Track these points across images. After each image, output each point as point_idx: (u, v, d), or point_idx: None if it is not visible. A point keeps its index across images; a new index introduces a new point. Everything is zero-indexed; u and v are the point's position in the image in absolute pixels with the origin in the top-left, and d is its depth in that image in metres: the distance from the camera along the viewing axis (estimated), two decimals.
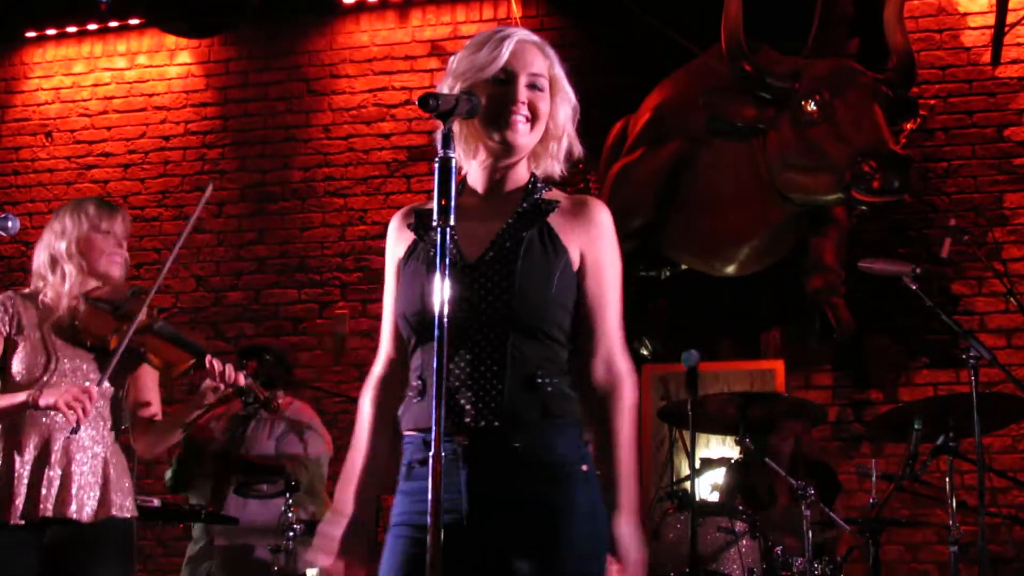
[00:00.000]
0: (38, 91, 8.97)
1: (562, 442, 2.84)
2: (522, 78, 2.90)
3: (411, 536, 2.81)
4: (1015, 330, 7.05)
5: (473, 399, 2.80)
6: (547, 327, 2.86)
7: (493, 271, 2.85)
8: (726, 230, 7.19)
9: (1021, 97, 7.37)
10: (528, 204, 2.95)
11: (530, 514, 2.77)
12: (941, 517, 5.73)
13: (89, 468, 4.15)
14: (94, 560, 4.13)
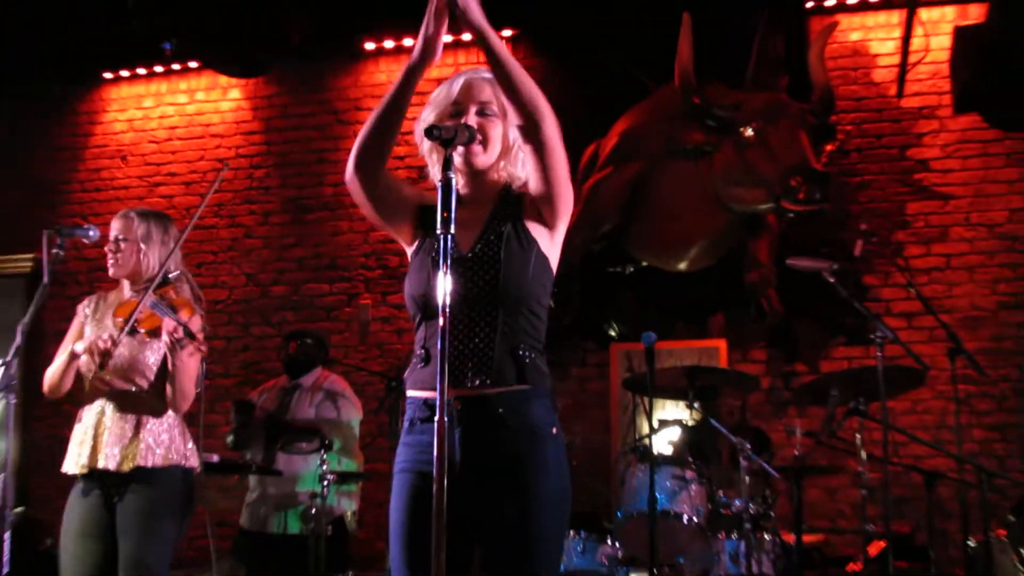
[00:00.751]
0: (115, 122, 9.02)
1: (537, 409, 2.90)
2: (471, 108, 2.98)
3: (414, 482, 2.88)
4: (914, 314, 7.12)
5: (469, 364, 2.86)
6: (528, 303, 2.92)
7: (482, 261, 2.92)
8: (679, 234, 7.28)
9: (921, 124, 7.42)
10: (501, 203, 3.02)
11: (510, 468, 2.85)
12: (853, 466, 5.74)
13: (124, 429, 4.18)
14: (149, 502, 4.14)
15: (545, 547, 2.88)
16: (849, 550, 6.38)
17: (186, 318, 4.03)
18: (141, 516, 4.11)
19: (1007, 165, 7.29)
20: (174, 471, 4.22)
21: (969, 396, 6.77)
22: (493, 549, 2.90)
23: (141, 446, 4.15)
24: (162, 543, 4.16)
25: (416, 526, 2.84)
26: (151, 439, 4.19)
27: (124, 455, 4.13)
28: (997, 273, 7.17)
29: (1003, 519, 5.56)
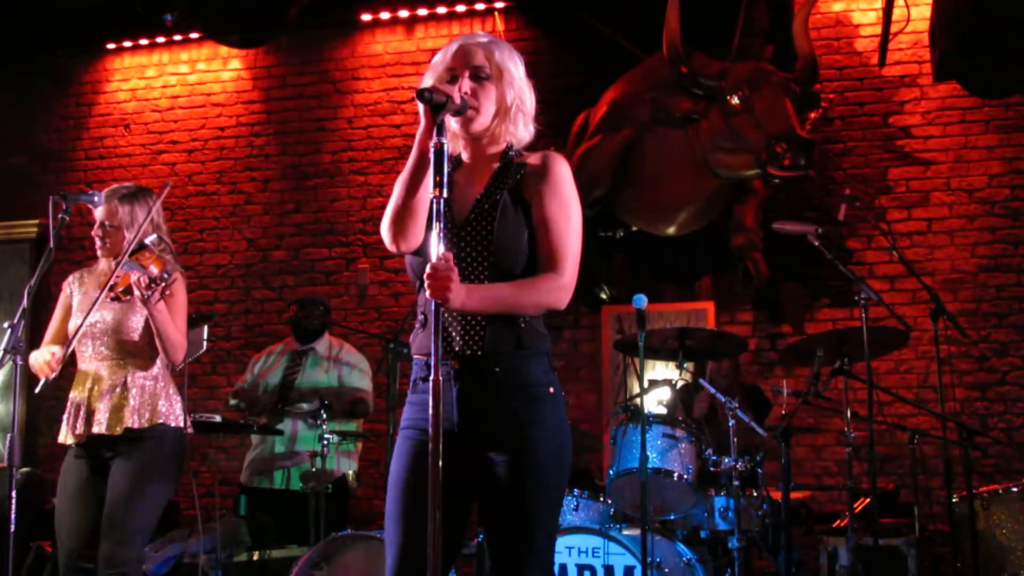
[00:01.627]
0: (118, 91, 8.92)
1: (533, 369, 2.87)
2: (465, 72, 2.90)
3: (416, 437, 2.86)
4: (897, 276, 7.07)
5: (461, 332, 2.83)
6: (520, 271, 2.87)
7: (476, 229, 2.87)
8: (668, 199, 7.19)
9: (902, 92, 7.36)
10: (501, 170, 2.95)
11: (506, 425, 2.82)
12: (838, 424, 5.75)
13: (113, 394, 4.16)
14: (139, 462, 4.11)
15: (542, 504, 2.87)
16: (835, 506, 6.40)
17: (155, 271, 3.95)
18: (126, 476, 4.10)
19: (986, 132, 7.24)
20: (162, 431, 4.19)
21: (951, 356, 6.72)
22: (491, 506, 2.87)
23: (129, 409, 4.14)
24: (145, 503, 4.12)
25: (413, 480, 2.84)
26: (138, 402, 4.16)
27: (115, 419, 4.12)
28: (977, 236, 7.11)
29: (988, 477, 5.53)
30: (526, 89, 3.00)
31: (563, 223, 2.91)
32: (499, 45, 2.99)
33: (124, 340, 4.22)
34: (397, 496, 2.87)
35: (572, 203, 2.95)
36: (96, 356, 4.22)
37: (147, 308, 4.05)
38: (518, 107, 2.96)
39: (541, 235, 2.89)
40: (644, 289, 6.22)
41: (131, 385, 4.17)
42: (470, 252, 2.86)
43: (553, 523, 2.93)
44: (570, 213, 2.93)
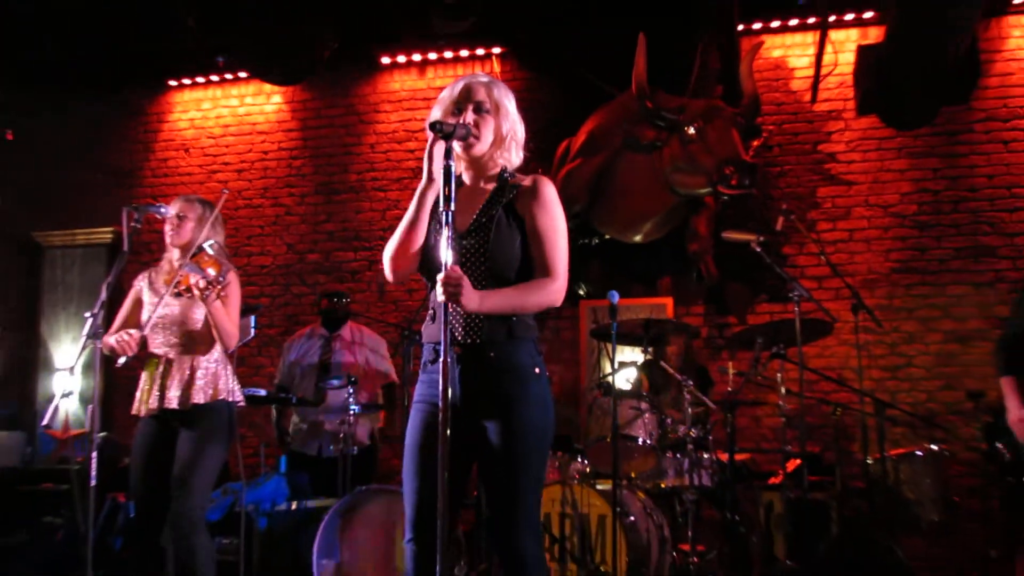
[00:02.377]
0: (179, 121, 8.94)
1: (522, 354, 2.92)
2: (469, 107, 2.96)
3: (427, 410, 2.92)
4: (824, 277, 7.11)
5: (464, 325, 2.88)
6: (513, 275, 2.92)
7: (475, 239, 2.92)
8: (635, 212, 7.21)
9: (829, 124, 7.39)
10: (497, 190, 2.99)
11: (499, 400, 2.87)
12: (774, 399, 5.77)
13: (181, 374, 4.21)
14: (201, 431, 4.18)
15: (530, 466, 2.90)
16: (771, 466, 6.40)
17: (212, 274, 4.03)
18: (191, 443, 4.15)
19: (898, 157, 7.27)
20: (221, 405, 4.26)
21: (867, 343, 6.76)
22: (487, 466, 2.91)
23: (196, 388, 4.20)
24: (206, 465, 4.18)
25: (425, 445, 2.90)
26: (204, 382, 4.22)
27: (185, 396, 4.18)
28: (890, 244, 7.15)
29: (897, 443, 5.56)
30: (518, 122, 3.06)
31: (554, 236, 2.96)
32: (497, 84, 3.04)
33: (189, 330, 4.27)
34: (412, 458, 2.92)
35: (560, 218, 3.00)
36: (165, 343, 4.26)
37: (206, 305, 4.10)
38: (512, 137, 3.03)
39: (536, 246, 2.94)
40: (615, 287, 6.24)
41: (198, 367, 4.22)
42: (470, 258, 2.91)
43: (539, 480, 2.95)
44: (559, 227, 2.98)
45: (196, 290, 3.97)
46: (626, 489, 5.06)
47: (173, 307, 4.23)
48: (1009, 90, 7.17)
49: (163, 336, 4.27)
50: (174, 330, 4.27)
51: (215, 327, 4.18)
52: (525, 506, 2.89)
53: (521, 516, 2.87)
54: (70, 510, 6.79)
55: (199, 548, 4.11)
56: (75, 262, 8.81)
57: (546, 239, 2.95)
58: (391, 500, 4.78)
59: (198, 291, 3.97)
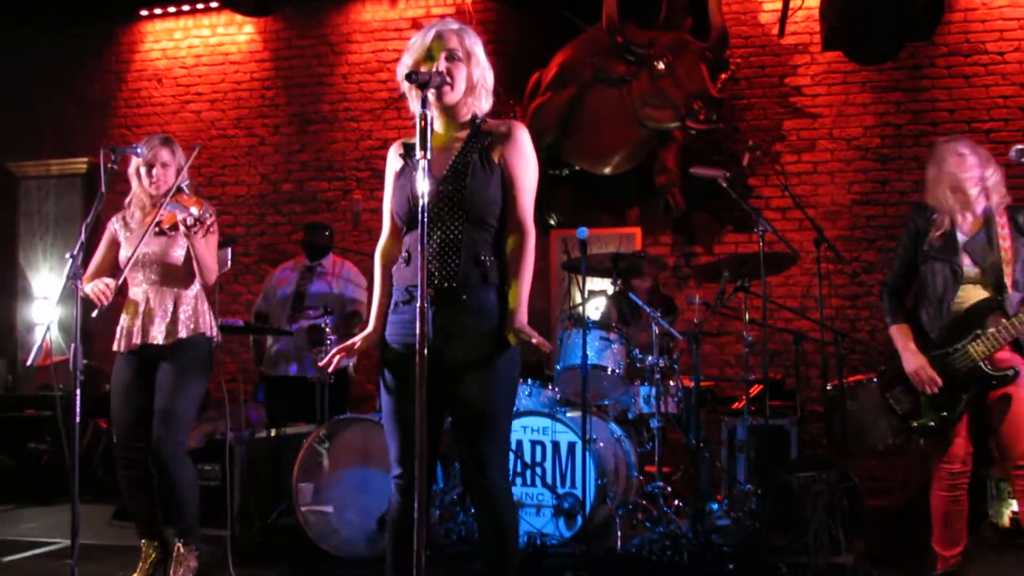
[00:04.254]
0: (151, 51, 8.76)
1: (494, 296, 2.94)
2: (441, 55, 2.93)
3: (401, 350, 2.94)
4: (787, 208, 7.14)
5: (440, 268, 2.89)
6: (489, 219, 2.94)
7: (452, 184, 2.92)
8: (605, 145, 7.18)
9: (796, 58, 7.36)
10: (471, 137, 2.99)
11: (472, 339, 2.90)
12: (738, 327, 5.83)
13: (162, 311, 4.21)
14: (181, 365, 4.20)
15: (500, 405, 2.95)
16: (735, 392, 6.50)
17: (195, 211, 4.03)
18: (172, 376, 4.18)
19: (862, 91, 7.27)
20: (200, 340, 4.28)
21: (829, 273, 6.84)
22: (461, 400, 2.93)
23: (179, 321, 4.22)
24: (188, 395, 4.22)
25: (399, 383, 2.94)
26: (185, 316, 4.24)
27: (169, 331, 4.20)
28: (852, 177, 7.19)
29: (856, 369, 5.64)
30: (487, 69, 3.04)
31: (530, 187, 3.01)
32: (467, 32, 3.02)
33: (169, 267, 4.26)
34: (391, 400, 2.96)
35: (534, 166, 3.03)
36: (146, 280, 4.26)
37: (190, 242, 4.10)
38: (482, 84, 3.01)
39: (511, 196, 2.97)
40: (584, 217, 6.29)
41: (180, 303, 4.23)
42: (448, 203, 2.91)
43: (508, 419, 3.02)
44: (534, 175, 3.03)
45: (183, 227, 3.97)
46: (595, 417, 5.11)
47: (153, 245, 4.22)
48: (971, 25, 7.16)
49: (143, 274, 4.26)
50: (155, 268, 4.26)
51: (197, 262, 4.18)
52: (496, 442, 2.94)
53: (493, 452, 2.93)
54: (54, 436, 6.80)
55: (182, 478, 4.16)
56: (50, 192, 8.69)
57: (523, 190, 2.99)
58: (365, 428, 4.84)
59: (185, 228, 3.98)
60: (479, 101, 3.02)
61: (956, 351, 3.78)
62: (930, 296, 3.89)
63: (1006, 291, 3.74)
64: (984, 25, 7.14)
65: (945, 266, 3.84)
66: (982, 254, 3.79)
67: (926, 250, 3.91)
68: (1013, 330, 3.68)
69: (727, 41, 6.98)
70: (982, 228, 3.84)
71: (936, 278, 3.86)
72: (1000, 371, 3.72)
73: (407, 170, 3.00)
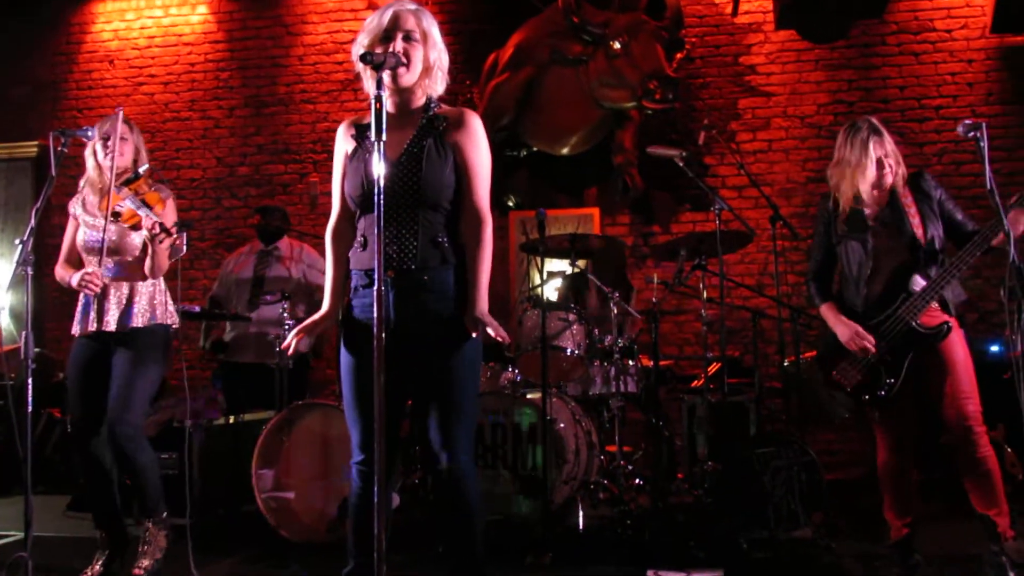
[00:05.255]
0: (102, 32, 8.54)
1: (452, 278, 2.90)
2: (398, 35, 2.87)
3: (359, 333, 2.90)
4: (743, 186, 7.13)
5: (398, 251, 2.85)
6: (444, 202, 2.89)
7: (407, 168, 2.87)
8: (562, 125, 7.14)
9: (750, 37, 7.36)
10: (425, 121, 2.94)
11: (432, 320, 2.86)
12: (696, 306, 5.84)
13: (119, 297, 4.14)
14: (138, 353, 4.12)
15: (466, 378, 2.91)
16: (693, 370, 6.50)
17: (160, 212, 3.94)
18: (129, 362, 4.10)
19: (816, 69, 7.28)
20: (157, 329, 4.20)
21: (785, 250, 6.86)
22: (425, 382, 2.90)
23: (134, 311, 4.13)
24: (144, 384, 4.13)
25: (361, 367, 2.89)
26: (140, 306, 4.15)
27: (122, 319, 4.11)
28: (807, 154, 7.21)
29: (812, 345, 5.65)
30: (444, 51, 2.99)
31: (485, 173, 2.97)
32: (424, 13, 2.96)
33: (126, 254, 4.18)
34: (351, 384, 2.92)
35: (487, 152, 2.99)
36: (103, 266, 4.16)
37: (151, 246, 4.05)
38: (438, 65, 2.96)
39: (467, 183, 2.93)
40: (542, 198, 6.23)
41: (135, 292, 4.15)
42: (403, 186, 2.86)
43: (475, 392, 2.98)
44: (486, 159, 2.98)
45: (148, 232, 3.90)
46: (555, 397, 5.07)
47: (110, 232, 4.12)
48: (919, 3, 7.20)
49: (100, 259, 4.16)
50: (111, 256, 4.18)
51: (151, 261, 4.12)
52: (463, 423, 2.90)
53: (460, 433, 2.89)
54: (6, 426, 6.65)
55: (141, 460, 4.09)
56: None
57: (479, 177, 2.95)
58: (325, 414, 4.76)
59: (148, 233, 3.91)
60: (435, 83, 2.97)
61: (888, 318, 3.81)
62: (847, 275, 3.95)
63: (921, 252, 3.79)
64: (932, 3, 7.18)
65: (856, 243, 3.89)
66: (893, 223, 3.84)
67: (838, 232, 3.95)
68: (936, 289, 3.73)
69: (682, 21, 6.96)
70: (888, 202, 3.89)
71: (851, 256, 3.92)
72: (934, 328, 3.76)
73: (360, 152, 2.96)
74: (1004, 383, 5.14)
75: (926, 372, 3.81)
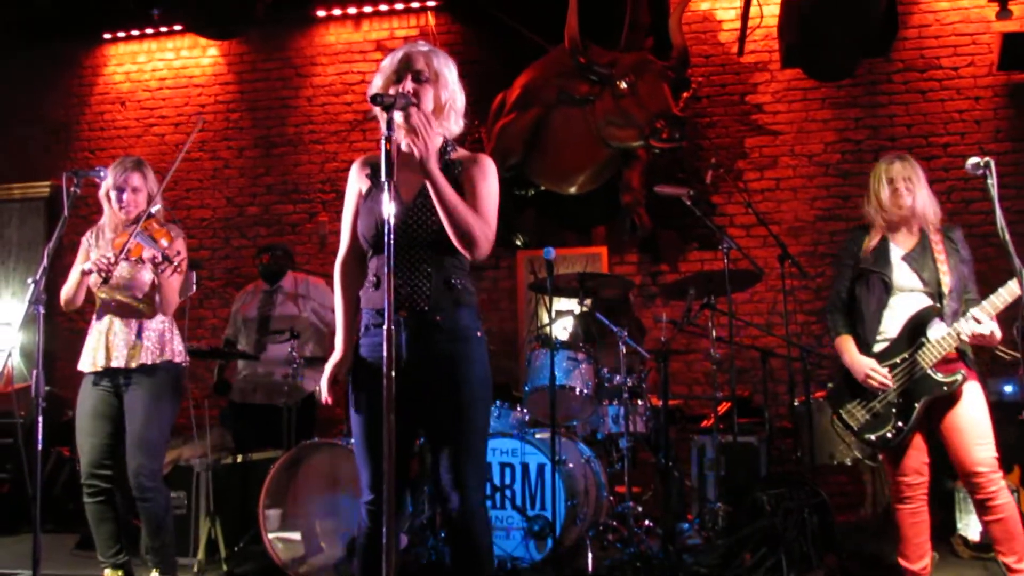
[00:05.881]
0: (114, 74, 8.64)
1: (465, 318, 2.91)
2: (408, 76, 2.89)
3: (370, 372, 2.89)
4: (752, 225, 7.13)
5: (411, 292, 2.84)
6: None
7: (421, 209, 2.87)
8: (569, 165, 7.16)
9: (756, 76, 7.39)
10: (442, 164, 2.93)
11: (444, 361, 2.85)
12: (705, 345, 5.81)
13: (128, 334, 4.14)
14: (149, 391, 4.12)
15: (476, 418, 2.90)
16: (703, 410, 6.46)
17: (165, 244, 3.98)
18: (143, 402, 4.10)
19: (822, 108, 7.30)
20: (168, 366, 4.20)
21: (794, 289, 6.83)
22: (436, 422, 2.89)
23: (143, 347, 4.14)
24: (160, 423, 4.14)
25: (371, 407, 2.87)
26: (150, 342, 4.16)
27: (130, 355, 4.12)
28: (815, 193, 7.21)
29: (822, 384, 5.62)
30: (458, 91, 2.99)
31: (489, 197, 2.94)
32: (437, 53, 2.98)
33: (136, 291, 4.20)
34: (362, 424, 2.91)
35: (496, 188, 2.97)
36: (113, 303, 4.20)
37: (157, 278, 4.07)
38: (451, 106, 2.96)
39: (471, 200, 2.90)
40: (550, 237, 6.23)
41: (144, 329, 4.16)
42: (417, 227, 2.87)
43: (485, 432, 2.96)
44: (494, 192, 2.96)
45: (151, 264, 3.94)
46: (564, 438, 5.05)
47: (120, 269, 4.14)
48: (925, 41, 7.22)
49: (110, 296, 4.21)
50: (121, 292, 4.20)
51: (160, 296, 4.14)
52: (473, 463, 2.89)
53: (470, 472, 2.87)
54: (15, 465, 6.64)
55: (161, 506, 4.11)
56: (12, 216, 8.53)
57: (481, 196, 2.92)
58: (333, 453, 4.75)
59: (152, 266, 3.95)
60: (448, 123, 2.98)
61: (904, 361, 3.78)
62: (864, 311, 3.91)
63: (945, 299, 3.77)
64: (938, 41, 7.20)
65: (878, 278, 3.87)
66: (920, 265, 3.83)
67: (861, 265, 3.94)
68: (956, 338, 3.70)
69: (688, 60, 6.99)
70: (919, 243, 3.88)
71: (871, 292, 3.89)
72: (949, 376, 3.73)
73: (374, 192, 2.96)
74: (1019, 423, 5.14)
75: (940, 418, 3.78)
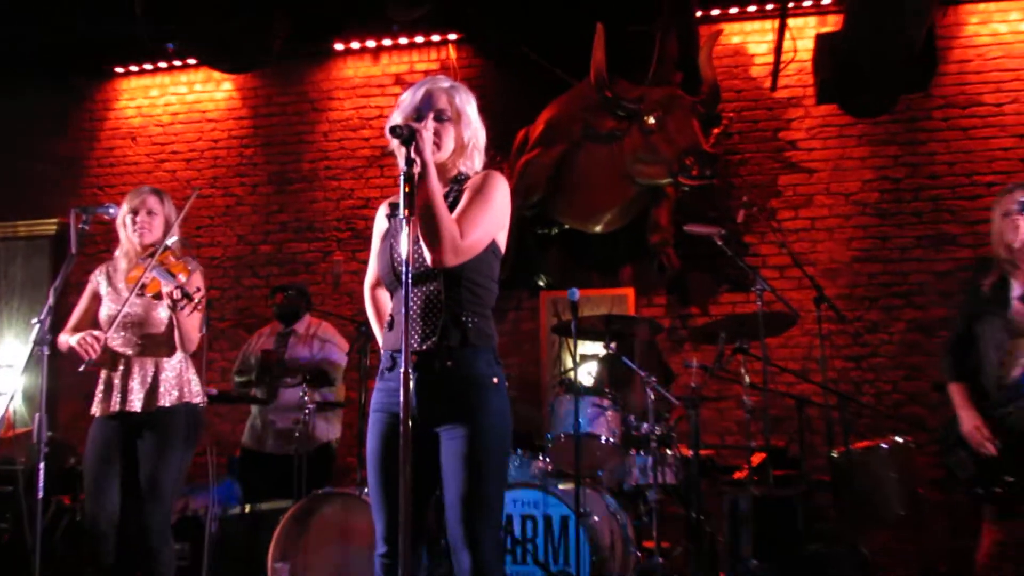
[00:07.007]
0: (126, 109, 8.69)
1: (479, 362, 2.85)
2: (430, 114, 2.88)
3: (386, 420, 2.87)
4: (786, 267, 7.04)
5: (422, 327, 2.82)
6: (470, 278, 2.85)
7: None
8: (595, 203, 7.11)
9: (789, 111, 7.35)
10: (454, 198, 2.91)
11: (458, 409, 2.81)
12: (738, 392, 5.71)
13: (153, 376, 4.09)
14: (163, 435, 4.06)
15: (491, 473, 2.83)
16: (736, 461, 6.35)
17: (183, 280, 3.92)
18: (157, 450, 4.05)
19: (859, 145, 7.24)
20: (184, 408, 4.14)
21: (831, 333, 6.73)
22: (449, 474, 2.83)
23: (161, 390, 4.09)
24: (173, 468, 4.07)
25: (387, 457, 2.84)
26: (168, 384, 4.11)
27: (148, 399, 4.07)
28: (852, 233, 7.12)
29: (861, 435, 5.51)
30: (480, 128, 3.00)
31: (480, 202, 2.85)
32: (459, 90, 2.97)
33: (151, 331, 4.16)
34: (376, 472, 2.88)
35: (493, 199, 2.89)
36: (126, 343, 4.14)
37: (175, 315, 4.01)
38: (473, 144, 2.98)
39: (463, 204, 2.85)
40: (575, 277, 6.17)
41: (162, 370, 4.11)
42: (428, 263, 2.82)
43: (501, 486, 2.90)
44: (489, 199, 2.87)
45: (168, 300, 3.88)
46: (589, 488, 4.95)
47: (135, 307, 4.12)
48: (966, 76, 7.16)
49: (124, 335, 4.16)
50: (136, 330, 4.16)
51: (179, 334, 4.09)
52: (487, 519, 2.83)
53: (484, 529, 2.81)
54: (14, 514, 6.58)
55: (167, 556, 4.05)
56: (18, 255, 8.55)
57: (475, 200, 2.86)
58: (346, 504, 4.67)
59: (170, 301, 3.88)
60: (470, 160, 2.98)
61: (1020, 409, 3.66)
62: (983, 354, 3.79)
63: None
64: (980, 77, 7.14)
65: (997, 319, 3.76)
66: None
67: (981, 304, 3.83)
68: None
69: (719, 95, 6.95)
70: None
71: (990, 334, 3.78)
72: None
73: (390, 230, 2.98)
74: None
75: None
